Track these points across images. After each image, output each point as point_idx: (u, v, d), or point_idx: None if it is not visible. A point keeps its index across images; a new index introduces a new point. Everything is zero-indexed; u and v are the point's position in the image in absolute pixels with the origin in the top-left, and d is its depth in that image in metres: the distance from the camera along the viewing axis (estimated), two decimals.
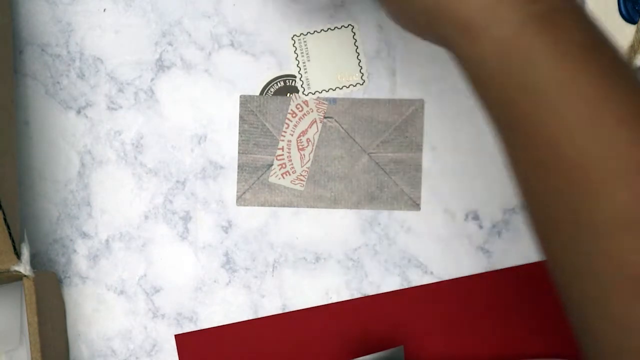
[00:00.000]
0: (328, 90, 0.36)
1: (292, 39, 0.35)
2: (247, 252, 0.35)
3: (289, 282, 0.35)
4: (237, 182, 0.35)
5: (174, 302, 0.35)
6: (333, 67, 0.36)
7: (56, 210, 0.35)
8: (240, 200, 0.35)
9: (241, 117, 0.35)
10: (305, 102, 0.35)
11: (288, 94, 0.35)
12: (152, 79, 0.35)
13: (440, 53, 0.36)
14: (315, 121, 0.35)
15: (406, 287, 0.36)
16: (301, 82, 0.35)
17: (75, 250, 0.35)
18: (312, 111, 0.35)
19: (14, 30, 0.34)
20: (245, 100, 0.34)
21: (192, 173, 0.35)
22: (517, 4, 0.23)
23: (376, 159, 0.36)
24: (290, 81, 0.35)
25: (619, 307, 0.22)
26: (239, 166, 0.34)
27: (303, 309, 0.35)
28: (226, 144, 0.35)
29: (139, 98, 0.35)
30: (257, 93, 0.35)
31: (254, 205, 0.35)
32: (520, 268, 0.36)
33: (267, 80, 0.35)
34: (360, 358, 0.33)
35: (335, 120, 0.35)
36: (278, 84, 0.35)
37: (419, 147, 0.36)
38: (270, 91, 0.35)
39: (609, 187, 0.21)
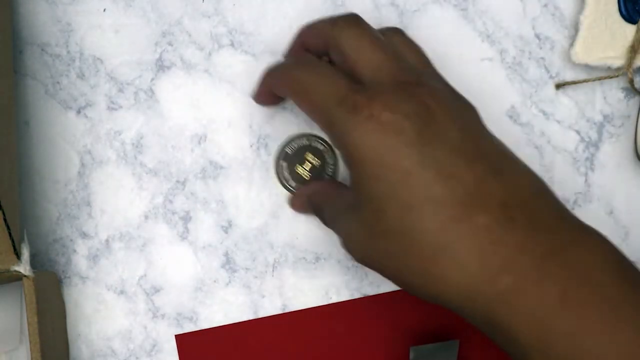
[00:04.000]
0: None
1: None
2: (247, 252, 0.35)
3: (289, 282, 0.35)
4: None
5: (174, 302, 0.35)
6: None
7: (56, 210, 0.35)
8: None
9: None
10: None
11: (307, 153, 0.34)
12: (152, 79, 0.35)
13: (440, 53, 0.36)
14: None
15: None
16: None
17: (75, 250, 0.35)
18: None
19: (14, 30, 0.34)
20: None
21: (192, 173, 0.35)
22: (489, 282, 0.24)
23: None
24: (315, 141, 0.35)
25: None
26: None
27: (303, 309, 0.35)
28: (226, 144, 0.35)
29: (139, 98, 0.35)
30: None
31: None
32: None
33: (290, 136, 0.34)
34: (420, 346, 0.34)
35: None
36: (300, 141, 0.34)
37: None
38: (294, 147, 0.34)
39: None
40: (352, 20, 0.28)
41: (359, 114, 0.25)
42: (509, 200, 0.24)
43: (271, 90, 0.31)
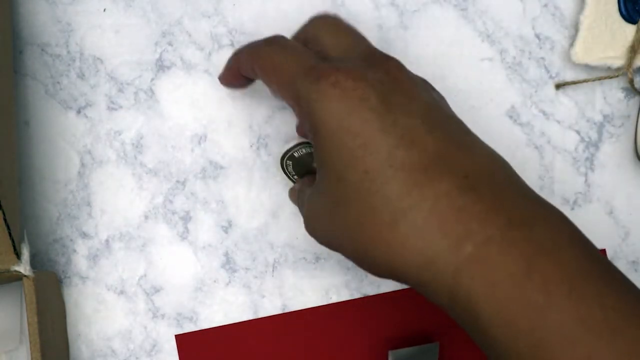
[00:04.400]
0: None
1: None
2: (247, 252, 0.35)
3: (289, 282, 0.35)
4: None
5: (174, 302, 0.35)
6: None
7: (56, 210, 0.35)
8: None
9: None
10: None
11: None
12: (152, 79, 0.35)
13: (440, 53, 0.36)
14: None
15: (406, 287, 0.36)
16: None
17: (75, 250, 0.35)
18: None
19: (14, 30, 0.34)
20: None
21: (192, 173, 0.35)
22: (450, 255, 0.23)
23: None
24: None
25: None
26: None
27: (303, 309, 0.35)
28: (226, 144, 0.35)
29: (139, 98, 0.35)
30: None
31: None
32: None
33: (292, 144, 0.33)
34: (397, 350, 0.34)
35: None
36: (304, 149, 0.33)
37: None
38: (302, 152, 0.33)
39: None
40: (332, 15, 0.29)
41: (323, 82, 0.25)
42: (472, 171, 0.24)
43: (238, 72, 0.31)
